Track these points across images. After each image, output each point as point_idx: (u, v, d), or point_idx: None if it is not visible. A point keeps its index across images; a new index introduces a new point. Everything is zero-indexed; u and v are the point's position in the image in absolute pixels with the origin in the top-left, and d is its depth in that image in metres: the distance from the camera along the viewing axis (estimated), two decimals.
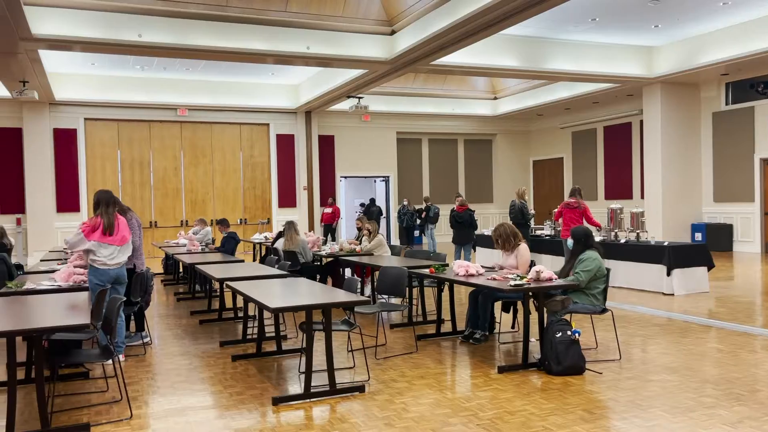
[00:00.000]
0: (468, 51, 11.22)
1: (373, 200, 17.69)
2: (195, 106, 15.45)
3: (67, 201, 14.56)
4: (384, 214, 18.34)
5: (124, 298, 4.69)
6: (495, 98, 18.48)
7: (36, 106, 13.95)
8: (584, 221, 9.10)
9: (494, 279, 5.55)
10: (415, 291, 7.65)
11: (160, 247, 12.03)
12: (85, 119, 14.78)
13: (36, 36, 9.19)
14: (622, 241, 9.62)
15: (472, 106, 18.44)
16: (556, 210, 10.31)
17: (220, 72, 14.52)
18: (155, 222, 15.49)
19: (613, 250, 9.37)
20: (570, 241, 6.01)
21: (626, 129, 16.71)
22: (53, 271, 6.72)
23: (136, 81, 14.69)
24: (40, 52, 10.30)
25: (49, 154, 14.33)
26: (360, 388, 4.76)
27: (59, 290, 5.73)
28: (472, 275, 5.85)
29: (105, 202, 5.66)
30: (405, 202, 16.41)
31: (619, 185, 16.93)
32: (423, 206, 15.48)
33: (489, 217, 19.51)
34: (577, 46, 12.68)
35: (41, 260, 9.19)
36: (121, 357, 5.76)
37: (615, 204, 10.19)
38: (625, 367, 5.26)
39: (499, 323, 6.57)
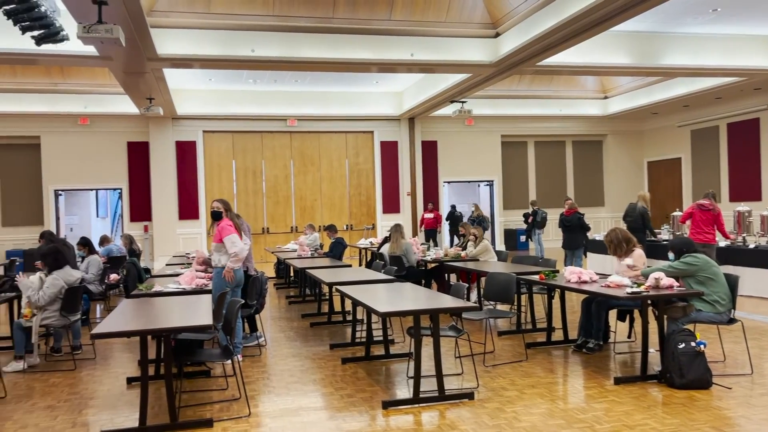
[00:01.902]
0: (576, 50, 10.84)
1: (454, 207, 17.22)
2: (303, 116, 16.01)
3: (187, 209, 15.53)
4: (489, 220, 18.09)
5: (243, 301, 4.93)
6: (605, 97, 17.72)
7: (160, 120, 15.01)
8: (714, 228, 8.51)
9: (609, 286, 5.31)
10: (523, 298, 7.48)
11: (272, 252, 12.53)
12: (204, 132, 15.72)
13: (161, 56, 9.89)
14: (751, 246, 8.91)
15: (581, 107, 17.79)
16: (682, 211, 9.68)
17: (326, 83, 14.96)
18: (267, 228, 16.17)
19: (741, 256, 8.70)
20: (671, 255, 5.64)
21: (753, 125, 15.45)
22: (178, 275, 7.18)
23: (249, 94, 15.44)
24: (165, 70, 11.07)
25: (172, 166, 15.36)
26: (469, 395, 4.71)
27: (183, 293, 6.13)
28: (585, 282, 5.64)
29: (228, 208, 6.06)
30: (472, 208, 15.58)
31: (746, 186, 15.67)
32: (530, 210, 15.10)
33: (600, 221, 18.70)
34: (696, 39, 11.90)
35: (167, 264, 9.85)
36: (239, 357, 6.05)
37: (742, 206, 9.45)
38: (758, 383, 4.86)
39: (614, 332, 6.28)
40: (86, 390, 5.26)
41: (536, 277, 6.22)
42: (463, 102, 14.36)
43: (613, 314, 6.17)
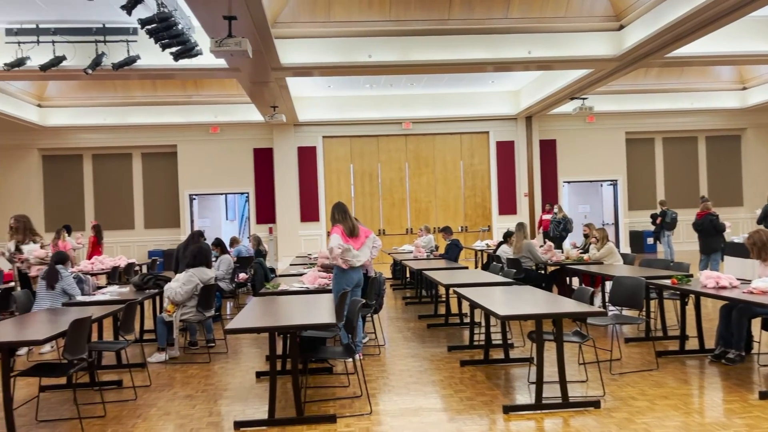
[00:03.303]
0: (710, 38, 10.08)
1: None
2: (418, 119, 16.14)
3: (308, 211, 16.14)
4: (612, 221, 17.27)
5: (363, 300, 5.04)
6: (744, 88, 16.34)
7: (283, 127, 15.72)
8: None
9: (752, 292, 4.89)
10: (652, 303, 7.06)
11: (388, 254, 12.72)
12: (323, 137, 16.27)
13: (284, 65, 10.37)
14: None
15: (716, 99, 16.52)
16: None
17: (441, 84, 14.98)
18: (383, 230, 16.44)
19: None
20: None
21: None
22: (301, 275, 7.48)
23: (366, 99, 15.80)
24: (287, 79, 11.58)
25: (294, 170, 16.04)
26: (595, 404, 4.52)
27: (307, 292, 6.37)
28: (723, 287, 5.23)
29: (342, 211, 6.20)
30: (555, 209, 14.68)
31: None
32: (658, 211, 14.23)
33: (738, 223, 17.26)
34: None
35: (290, 264, 10.28)
36: (359, 355, 6.18)
37: None
38: None
39: (758, 343, 5.77)
40: (220, 382, 5.61)
41: (668, 282, 5.85)
42: (584, 99, 13.82)
43: (756, 323, 5.67)
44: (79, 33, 9.69)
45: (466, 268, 8.95)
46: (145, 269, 11.31)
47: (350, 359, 5.15)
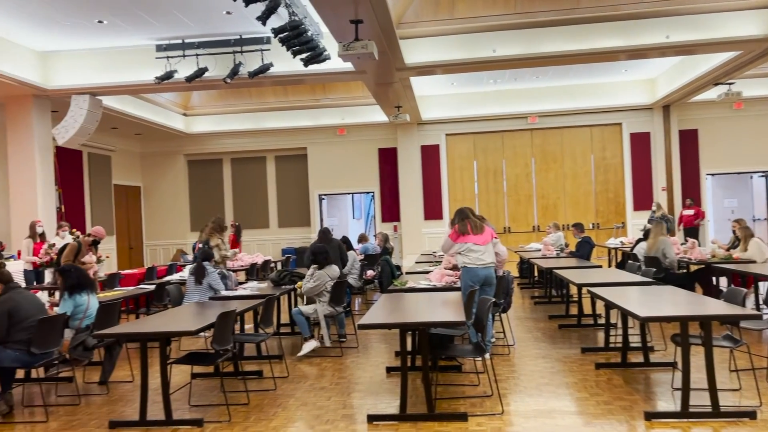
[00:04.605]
0: None
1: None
2: (545, 112, 15.65)
3: (432, 209, 16.19)
4: (765, 215, 15.75)
5: (493, 299, 4.98)
6: None
7: (407, 127, 15.89)
8: None
9: None
10: None
11: (515, 252, 12.47)
12: (446, 135, 16.24)
13: (408, 65, 10.47)
14: None
15: None
16: None
17: (569, 76, 14.43)
18: (509, 228, 16.13)
19: None
20: None
21: None
22: (427, 272, 7.52)
23: (490, 95, 15.57)
24: (411, 78, 11.69)
25: (418, 169, 16.15)
26: (750, 414, 4.15)
27: (434, 289, 6.40)
28: None
29: (458, 214, 6.24)
30: (654, 207, 13.37)
31: None
32: None
33: None
34: None
35: (416, 262, 10.37)
36: (488, 355, 6.11)
37: None
38: None
39: None
40: (352, 376, 5.78)
41: None
42: (730, 84, 12.72)
43: None
44: (219, 45, 10.38)
45: (600, 266, 8.57)
46: (279, 266, 11.92)
47: (480, 358, 5.11)
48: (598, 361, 5.78)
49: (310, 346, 6.59)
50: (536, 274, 11.98)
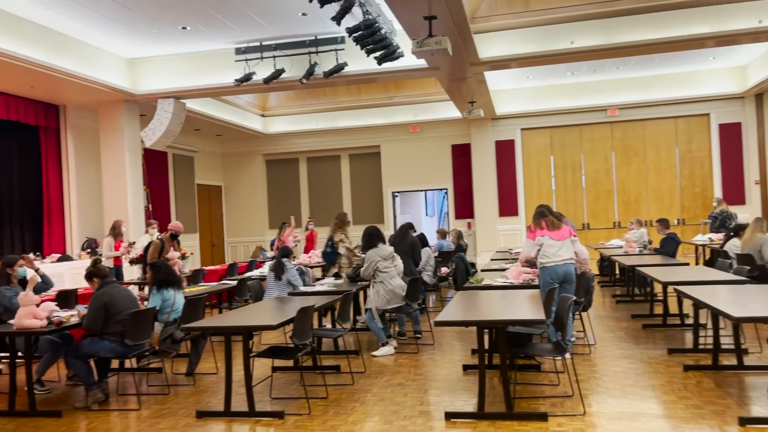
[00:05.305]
0: None
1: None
2: (626, 104, 15.08)
3: (507, 206, 15.94)
4: None
5: (574, 298, 4.85)
6: None
7: (481, 122, 15.70)
8: None
9: None
10: None
11: (595, 249, 12.09)
12: (521, 129, 15.94)
13: (482, 60, 10.34)
14: None
15: None
16: None
17: (652, 65, 13.84)
18: (588, 224, 15.66)
19: None
20: None
21: None
22: (503, 270, 7.41)
23: (567, 87, 15.15)
24: (485, 73, 11.54)
25: (492, 165, 15.93)
26: None
27: (511, 287, 6.30)
28: None
29: (540, 213, 6.12)
30: (714, 203, 12.39)
31: None
32: None
33: None
34: None
35: (491, 259, 10.25)
36: (568, 354, 5.96)
37: None
38: None
39: None
40: (428, 372, 5.78)
41: None
42: None
43: None
44: (295, 46, 10.61)
45: (687, 264, 8.18)
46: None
47: (560, 357, 5.00)
48: (686, 363, 5.53)
49: (385, 350, 6.56)
50: (617, 271, 11.58)
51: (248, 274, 9.68)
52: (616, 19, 9.85)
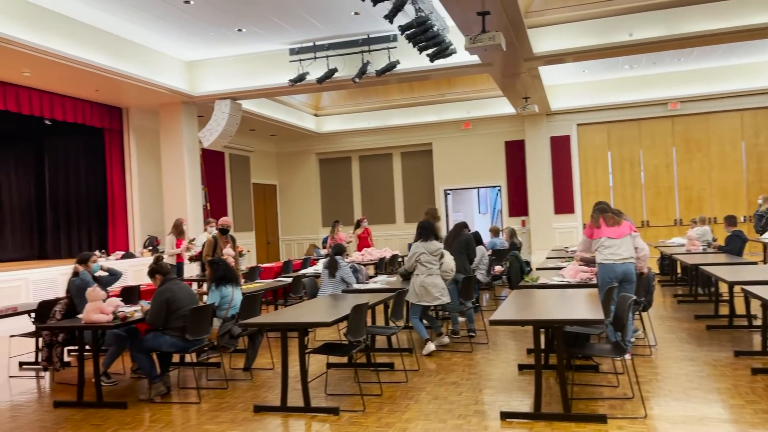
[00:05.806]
0: None
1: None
2: (687, 97, 14.55)
3: (562, 203, 15.63)
4: None
5: (634, 297, 4.71)
6: None
7: (535, 118, 15.44)
8: None
9: None
10: None
11: (655, 247, 11.72)
12: (577, 125, 15.60)
13: (536, 55, 10.17)
14: None
15: None
16: None
17: (715, 57, 13.31)
18: (647, 221, 15.20)
19: None
20: None
21: None
22: (560, 268, 7.27)
23: (625, 81, 14.74)
24: (539, 68, 11.34)
25: (547, 161, 15.66)
26: None
27: (568, 286, 6.17)
28: None
29: (599, 209, 5.97)
30: (760, 200, 11.75)
31: None
32: None
33: None
34: None
35: (547, 258, 10.07)
36: (627, 355, 5.80)
37: None
38: None
39: None
40: (483, 371, 5.73)
41: None
42: None
43: None
44: (348, 46, 10.69)
45: (755, 263, 7.84)
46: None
47: (619, 358, 4.87)
48: (754, 366, 5.29)
49: (426, 348, 6.49)
50: (679, 270, 11.20)
51: (303, 271, 9.82)
52: (677, 9, 9.52)
